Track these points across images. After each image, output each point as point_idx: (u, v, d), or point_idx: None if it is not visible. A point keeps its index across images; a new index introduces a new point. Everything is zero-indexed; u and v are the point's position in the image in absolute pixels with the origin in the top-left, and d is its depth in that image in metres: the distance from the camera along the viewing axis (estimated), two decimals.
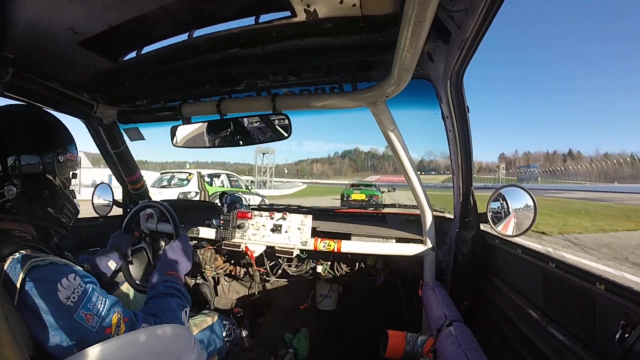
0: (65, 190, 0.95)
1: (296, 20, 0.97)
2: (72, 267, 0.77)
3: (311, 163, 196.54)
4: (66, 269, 0.75)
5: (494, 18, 0.76)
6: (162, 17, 0.99)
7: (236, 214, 1.71)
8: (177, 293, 1.04)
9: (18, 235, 0.78)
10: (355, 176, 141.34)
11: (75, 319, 0.71)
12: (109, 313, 0.78)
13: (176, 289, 1.06)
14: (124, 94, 1.54)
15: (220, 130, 1.60)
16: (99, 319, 0.75)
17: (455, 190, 1.45)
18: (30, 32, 0.99)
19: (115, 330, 0.77)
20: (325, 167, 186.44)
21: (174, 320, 0.94)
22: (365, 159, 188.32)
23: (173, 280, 1.09)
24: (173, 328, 0.79)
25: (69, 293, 0.71)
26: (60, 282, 0.71)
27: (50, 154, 0.89)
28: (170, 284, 1.07)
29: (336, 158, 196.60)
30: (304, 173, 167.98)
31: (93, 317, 0.74)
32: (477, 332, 1.01)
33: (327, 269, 1.79)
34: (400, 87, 1.05)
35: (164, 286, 1.05)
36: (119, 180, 2.06)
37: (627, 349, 0.61)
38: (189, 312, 1.05)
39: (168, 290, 1.04)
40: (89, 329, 0.73)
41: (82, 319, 0.72)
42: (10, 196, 0.80)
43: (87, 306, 0.74)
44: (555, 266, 0.91)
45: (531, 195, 1.20)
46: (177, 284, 1.08)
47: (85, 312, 0.73)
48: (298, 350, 1.79)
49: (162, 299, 1.00)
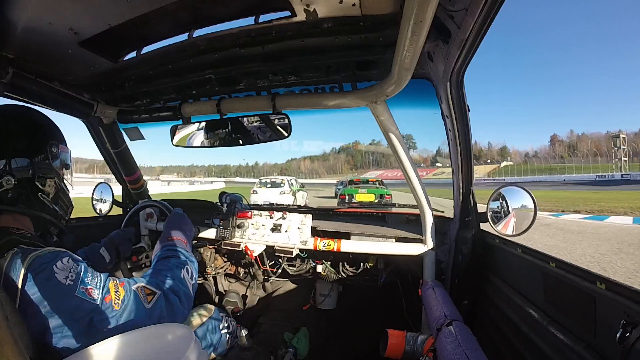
0: (60, 182, 0.96)
1: (296, 20, 0.97)
2: (66, 252, 0.78)
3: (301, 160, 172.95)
4: (61, 254, 0.76)
5: (494, 18, 0.76)
6: (161, 17, 0.98)
7: (236, 214, 1.71)
8: (174, 253, 1.06)
9: (17, 232, 0.79)
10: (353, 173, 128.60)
11: (77, 295, 0.73)
12: (105, 283, 0.80)
13: (174, 250, 1.07)
14: (124, 93, 1.54)
15: (220, 130, 1.60)
16: (98, 290, 0.77)
17: (455, 190, 1.45)
18: (30, 33, 0.99)
19: (115, 295, 0.79)
20: (317, 165, 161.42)
21: (172, 277, 0.96)
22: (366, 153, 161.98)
23: (172, 244, 1.10)
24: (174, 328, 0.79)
25: (66, 273, 0.73)
26: (55, 265, 0.72)
27: (42, 151, 0.90)
28: (169, 247, 1.08)
29: (331, 154, 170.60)
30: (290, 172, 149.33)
31: (93, 290, 0.76)
32: (477, 332, 1.00)
33: (328, 268, 1.79)
34: (400, 87, 1.05)
35: (162, 250, 1.07)
36: (119, 179, 2.06)
37: (628, 348, 0.61)
38: (193, 271, 1.06)
39: (166, 254, 1.05)
40: (91, 302, 0.74)
41: (83, 294, 0.74)
42: (8, 186, 0.82)
43: (85, 281, 0.76)
44: (555, 266, 0.91)
45: (531, 194, 1.20)
46: (175, 246, 1.09)
47: (84, 287, 0.75)
48: (298, 350, 1.79)
49: (160, 261, 1.02)
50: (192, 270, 1.05)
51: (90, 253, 1.36)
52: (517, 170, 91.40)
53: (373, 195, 13.07)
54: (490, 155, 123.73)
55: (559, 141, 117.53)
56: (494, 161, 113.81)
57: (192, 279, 1.03)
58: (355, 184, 14.92)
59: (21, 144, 0.87)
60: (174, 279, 0.96)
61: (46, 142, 0.92)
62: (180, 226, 1.24)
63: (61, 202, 0.97)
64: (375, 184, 14.67)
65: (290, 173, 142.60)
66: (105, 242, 1.43)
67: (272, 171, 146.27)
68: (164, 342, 0.76)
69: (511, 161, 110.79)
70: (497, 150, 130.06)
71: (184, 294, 0.96)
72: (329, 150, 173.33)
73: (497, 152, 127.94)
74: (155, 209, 1.76)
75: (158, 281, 0.92)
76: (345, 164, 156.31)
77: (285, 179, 16.11)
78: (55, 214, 0.95)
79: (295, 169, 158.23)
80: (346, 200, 13.21)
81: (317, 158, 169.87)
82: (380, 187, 14.05)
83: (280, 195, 14.31)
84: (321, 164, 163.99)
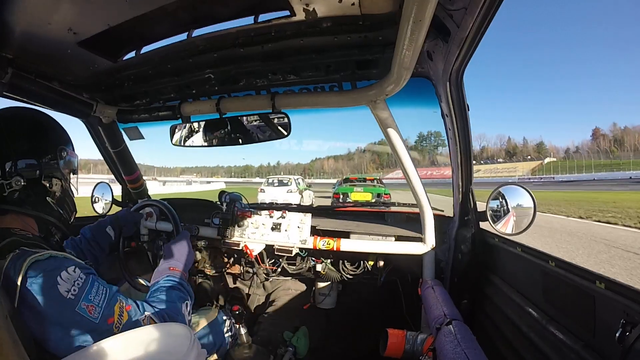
0: (65, 185, 0.97)
1: (295, 20, 0.97)
2: (72, 260, 0.77)
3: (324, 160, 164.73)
4: (66, 262, 0.75)
5: (494, 17, 0.76)
6: (161, 17, 0.98)
7: (236, 213, 1.71)
8: (177, 286, 1.05)
9: (18, 233, 0.79)
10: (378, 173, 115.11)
11: (77, 311, 0.71)
12: (110, 302, 0.78)
13: (177, 282, 1.07)
14: (123, 93, 1.54)
15: (219, 130, 1.60)
16: (100, 309, 0.75)
17: (455, 189, 1.45)
18: (30, 33, 0.99)
19: (118, 319, 0.78)
20: (341, 164, 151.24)
21: (175, 311, 0.95)
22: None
23: (174, 275, 1.10)
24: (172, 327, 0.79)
25: (69, 286, 0.72)
26: (60, 275, 0.71)
27: (49, 153, 0.90)
28: (171, 277, 1.08)
29: (356, 153, 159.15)
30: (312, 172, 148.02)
31: (95, 308, 0.74)
32: (477, 331, 1.01)
33: (328, 267, 1.79)
34: (399, 86, 1.05)
35: (165, 280, 1.06)
36: (118, 179, 2.06)
37: (628, 347, 0.61)
38: (190, 306, 1.06)
39: (169, 284, 1.05)
40: (91, 320, 0.73)
41: (84, 310, 0.72)
42: (17, 186, 0.83)
43: (88, 297, 0.74)
44: (555, 265, 0.91)
45: (530, 193, 1.20)
46: (177, 278, 1.09)
47: (86, 304, 0.73)
48: (297, 349, 1.80)
49: (163, 291, 1.01)
50: (189, 305, 1.06)
51: (96, 230, 1.37)
52: (561, 167, 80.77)
53: (370, 194, 11.98)
54: (527, 152, 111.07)
55: (602, 135, 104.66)
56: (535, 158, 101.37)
57: (189, 314, 1.04)
58: (351, 181, 13.80)
59: (29, 145, 0.88)
60: (178, 314, 0.96)
61: (54, 144, 0.93)
62: (184, 254, 1.22)
63: (66, 205, 0.98)
64: (372, 182, 13.73)
65: (314, 173, 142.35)
66: (112, 220, 1.44)
67: (294, 171, 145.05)
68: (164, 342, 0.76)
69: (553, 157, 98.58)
70: (533, 147, 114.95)
71: None
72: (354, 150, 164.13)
73: (533, 149, 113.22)
74: (154, 208, 1.76)
75: (164, 314, 0.91)
76: (370, 163, 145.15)
77: (292, 178, 16.55)
78: (60, 216, 0.95)
79: (319, 169, 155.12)
80: (340, 199, 12.08)
81: (342, 157, 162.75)
82: (378, 186, 13.06)
83: (287, 193, 14.50)
84: (345, 163, 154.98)
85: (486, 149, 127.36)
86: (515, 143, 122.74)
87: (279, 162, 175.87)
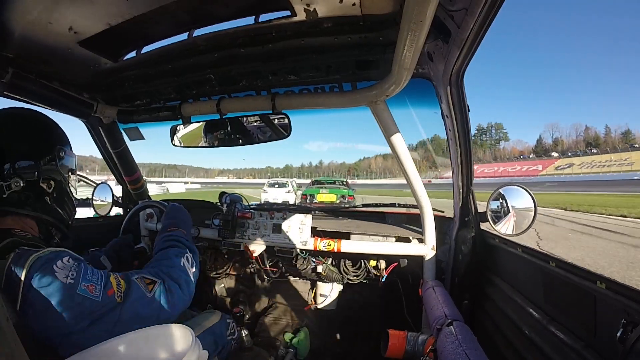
0: (65, 185, 0.96)
1: (296, 20, 0.97)
2: (66, 251, 0.78)
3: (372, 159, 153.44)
4: (61, 253, 0.76)
5: (495, 18, 0.76)
6: (161, 17, 0.98)
7: (236, 214, 1.70)
8: (174, 243, 1.06)
9: (18, 234, 0.79)
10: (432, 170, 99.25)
11: (79, 293, 0.73)
12: (106, 279, 0.80)
13: (173, 239, 1.07)
14: (124, 93, 1.54)
15: (220, 130, 1.60)
16: (100, 286, 0.76)
17: (455, 190, 1.45)
18: (30, 32, 0.99)
19: (117, 288, 0.79)
20: (390, 163, 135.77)
21: (169, 265, 0.96)
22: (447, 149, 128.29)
23: (170, 235, 1.10)
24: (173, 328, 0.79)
25: (66, 272, 0.73)
26: (55, 264, 0.72)
27: (48, 154, 0.90)
28: (167, 237, 1.08)
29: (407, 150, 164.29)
30: (358, 171, 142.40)
31: (95, 287, 0.75)
32: (478, 332, 1.00)
33: (328, 268, 1.79)
34: (400, 87, 1.05)
35: (161, 242, 1.07)
36: (119, 180, 2.06)
37: (629, 347, 0.61)
38: (192, 259, 1.06)
39: (165, 244, 1.05)
40: (93, 299, 0.74)
41: (85, 291, 0.73)
42: (16, 188, 0.83)
43: (86, 278, 0.75)
44: (555, 265, 0.91)
45: (530, 194, 1.20)
46: (173, 236, 1.09)
47: (86, 285, 0.74)
48: (298, 350, 1.79)
49: (159, 252, 1.02)
50: (191, 258, 1.05)
51: (90, 262, 1.34)
52: None
53: (334, 195, 12.69)
54: (611, 143, 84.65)
55: None
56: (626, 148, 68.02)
57: (192, 266, 1.03)
58: (320, 184, 14.65)
59: (28, 146, 0.87)
60: (174, 267, 0.96)
61: (53, 145, 0.92)
62: (177, 217, 1.23)
63: (66, 206, 0.97)
64: (336, 185, 14.46)
65: (359, 173, 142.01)
66: (106, 250, 1.41)
67: (338, 170, 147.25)
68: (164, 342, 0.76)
69: None
70: (619, 137, 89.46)
71: (184, 281, 0.96)
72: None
73: (619, 140, 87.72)
74: (155, 209, 1.76)
75: (157, 270, 0.92)
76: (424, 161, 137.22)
77: (289, 181, 20.44)
78: (60, 217, 0.95)
79: (365, 168, 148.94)
80: (307, 200, 12.90)
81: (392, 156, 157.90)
82: (342, 188, 13.82)
83: (286, 193, 17.73)
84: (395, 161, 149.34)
85: (560, 140, 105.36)
86: (596, 132, 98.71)
87: (321, 161, 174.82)
